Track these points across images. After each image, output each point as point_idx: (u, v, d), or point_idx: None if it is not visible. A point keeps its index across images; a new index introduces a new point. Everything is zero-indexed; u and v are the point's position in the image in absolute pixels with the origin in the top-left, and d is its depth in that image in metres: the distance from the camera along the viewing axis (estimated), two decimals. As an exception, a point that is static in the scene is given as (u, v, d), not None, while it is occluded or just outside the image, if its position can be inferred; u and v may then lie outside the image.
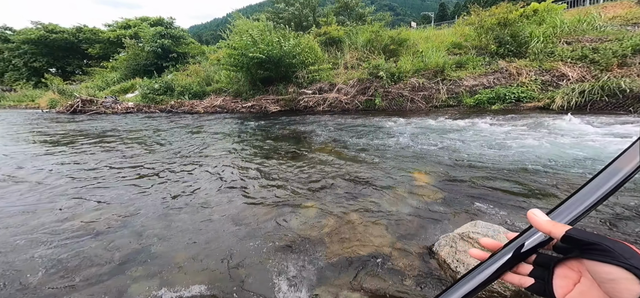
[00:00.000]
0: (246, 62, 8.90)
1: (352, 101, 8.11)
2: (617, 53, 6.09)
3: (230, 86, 10.76)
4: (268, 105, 9.10)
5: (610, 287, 0.27)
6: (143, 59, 17.14)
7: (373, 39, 9.76)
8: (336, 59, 10.11)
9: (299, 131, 5.43)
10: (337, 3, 17.61)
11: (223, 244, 1.83)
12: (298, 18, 16.28)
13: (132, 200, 2.49)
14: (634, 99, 4.81)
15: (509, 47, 7.63)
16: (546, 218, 0.34)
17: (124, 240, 1.91)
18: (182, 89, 11.68)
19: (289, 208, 2.28)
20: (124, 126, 7.05)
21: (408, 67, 8.03)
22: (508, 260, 0.35)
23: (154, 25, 19.03)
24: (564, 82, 6.11)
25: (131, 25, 23.27)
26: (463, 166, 2.93)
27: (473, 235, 1.46)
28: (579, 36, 7.61)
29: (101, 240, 1.89)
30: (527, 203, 2.10)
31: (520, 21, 7.74)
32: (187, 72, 14.50)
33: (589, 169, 2.63)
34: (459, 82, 7.30)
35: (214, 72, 12.56)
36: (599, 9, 10.49)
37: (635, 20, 8.15)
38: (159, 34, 16.71)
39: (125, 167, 3.46)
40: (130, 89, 15.27)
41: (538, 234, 0.34)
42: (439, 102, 7.12)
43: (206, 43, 28.76)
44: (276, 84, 9.52)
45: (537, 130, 4.12)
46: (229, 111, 9.67)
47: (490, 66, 7.47)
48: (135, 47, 17.67)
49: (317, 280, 1.46)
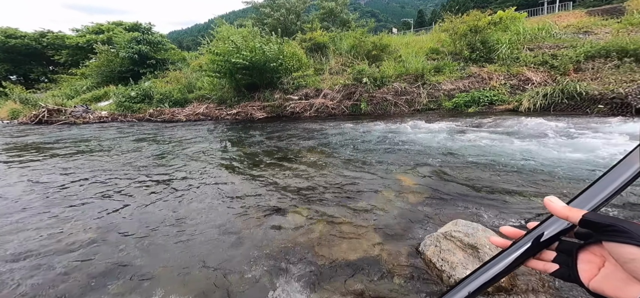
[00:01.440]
0: (229, 68, 8.76)
1: (338, 106, 8.25)
2: (572, 59, 6.79)
3: (214, 93, 10.51)
4: (254, 112, 8.98)
5: (633, 267, 0.28)
6: (117, 65, 16.27)
7: (357, 45, 10.06)
8: (321, 65, 10.26)
9: (286, 138, 5.43)
10: (321, 9, 17.95)
11: (209, 254, 1.79)
12: (283, 24, 16.34)
13: (109, 214, 2.35)
14: (589, 101, 5.40)
15: (479, 53, 8.23)
16: (562, 204, 0.34)
17: (101, 256, 1.80)
18: (162, 96, 11.21)
19: (277, 215, 2.28)
20: (97, 136, 6.61)
21: (391, 72, 8.36)
22: (529, 248, 0.36)
23: (130, 31, 18.15)
24: (529, 86, 6.69)
25: (104, 30, 22.03)
26: (443, 168, 3.10)
27: (455, 233, 1.56)
28: (540, 43, 8.40)
29: (77, 256, 1.77)
30: (501, 200, 2.27)
31: (488, 28, 8.40)
32: (167, 79, 13.95)
33: (551, 168, 2.90)
34: (438, 86, 7.71)
35: (196, 79, 12.21)
36: (555, 18, 11.65)
37: (585, 29, 9.16)
38: (135, 39, 15.98)
39: (101, 180, 3.25)
40: (104, 97, 14.40)
41: (559, 222, 0.35)
42: (421, 106, 7.47)
43: (187, 49, 27.85)
44: (262, 91, 9.45)
45: (507, 132, 4.47)
46: (213, 118, 9.42)
47: (465, 71, 7.99)
48: (109, 53, 16.74)
49: (308, 286, 1.48)
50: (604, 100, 5.23)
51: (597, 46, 6.81)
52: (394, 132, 5.16)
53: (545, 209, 0.35)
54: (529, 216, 1.97)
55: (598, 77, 6.08)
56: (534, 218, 1.92)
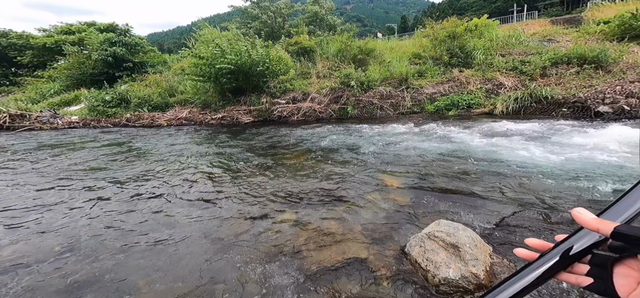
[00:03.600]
0: (214, 72, 8.55)
1: (325, 110, 8.32)
2: (539, 65, 7.39)
3: (198, 97, 10.19)
4: (240, 116, 8.81)
5: None
6: (90, 67, 15.29)
7: (343, 49, 10.23)
8: (308, 69, 10.32)
9: (273, 142, 5.38)
10: (307, 14, 18.09)
11: (193, 262, 1.73)
12: (269, 27, 16.26)
13: (81, 224, 2.19)
14: (554, 105, 5.89)
15: (458, 58, 8.71)
16: (592, 216, 0.33)
17: (73, 268, 1.67)
18: (140, 100, 10.68)
19: (264, 220, 2.25)
20: (66, 142, 6.14)
21: (376, 76, 8.58)
22: (559, 261, 0.35)
23: (104, 32, 17.15)
24: (502, 90, 7.18)
25: (74, 30, 20.64)
26: (426, 169, 3.23)
27: (438, 233, 1.63)
28: (510, 49, 9.06)
29: (48, 268, 1.63)
30: (478, 199, 2.41)
31: (465, 34, 8.92)
32: (146, 83, 13.33)
33: (522, 168, 3.12)
34: (420, 90, 8.04)
35: (178, 82, 11.78)
36: (523, 26, 12.62)
37: (549, 37, 10.02)
38: (109, 40, 15.13)
39: (71, 188, 3.02)
40: (74, 102, 13.46)
41: (590, 235, 0.34)
42: (405, 109, 7.73)
43: (168, 52, 26.76)
44: (248, 95, 9.30)
45: (483, 134, 4.76)
46: (197, 123, 9.11)
47: (445, 75, 8.41)
48: (80, 54, 15.70)
49: (297, 291, 1.48)
50: (567, 104, 5.73)
51: (560, 53, 7.46)
52: (380, 135, 5.30)
53: (518, 208, 0.37)
54: (506, 215, 2.11)
55: (561, 82, 6.66)
56: (511, 216, 2.06)
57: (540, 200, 2.25)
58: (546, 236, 1.79)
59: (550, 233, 1.82)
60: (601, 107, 5.21)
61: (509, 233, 1.85)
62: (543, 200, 2.25)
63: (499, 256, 1.58)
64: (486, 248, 1.57)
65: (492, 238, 1.80)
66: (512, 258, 1.57)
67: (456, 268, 1.41)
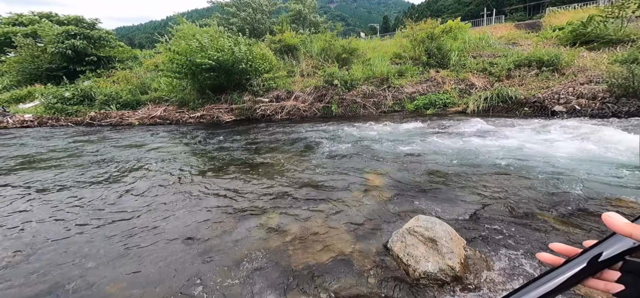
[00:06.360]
0: (193, 68, 8.12)
1: (309, 109, 8.30)
2: (504, 67, 8.03)
3: (174, 95, 9.61)
4: (221, 115, 8.47)
5: None
6: (46, 61, 13.73)
7: (327, 48, 10.25)
8: (292, 67, 10.20)
9: (256, 141, 5.26)
10: (291, 11, 17.82)
11: (172, 266, 1.65)
12: (250, 24, 15.78)
13: (41, 230, 1.98)
14: (517, 104, 6.47)
15: (435, 58, 9.16)
16: (625, 221, 0.32)
17: (32, 277, 1.51)
18: (107, 97, 9.83)
19: (248, 220, 2.21)
20: (19, 143, 5.46)
21: (359, 75, 8.73)
22: (587, 266, 0.34)
23: (66, 24, 15.49)
24: (473, 90, 7.70)
25: (25, 22, 18.39)
26: (406, 165, 3.38)
27: (417, 228, 1.72)
28: (480, 51, 9.72)
29: (4, 275, 1.45)
30: (453, 194, 2.57)
31: (442, 36, 9.40)
32: (113, 79, 12.28)
33: (491, 163, 3.39)
34: (401, 89, 8.33)
35: (151, 79, 11.00)
36: (491, 29, 13.59)
37: (513, 40, 10.91)
38: (67, 32, 13.68)
39: (28, 194, 2.70)
40: (27, 98, 12.02)
41: (622, 240, 0.33)
42: (387, 108, 7.97)
43: (140, 47, 24.83)
44: (229, 93, 8.97)
45: (456, 131, 5.08)
46: (173, 122, 8.60)
47: (423, 75, 8.80)
48: (33, 47, 14.01)
49: (283, 290, 1.48)
50: (528, 103, 6.31)
51: (522, 56, 8.16)
52: (363, 132, 5.42)
53: (489, 202, 0.38)
54: (477, 208, 2.28)
55: (523, 83, 7.30)
56: (481, 209, 2.23)
57: (506, 194, 2.47)
58: (511, 229, 1.97)
59: (515, 227, 2.01)
60: (557, 106, 5.81)
61: (480, 226, 2.01)
62: (508, 194, 2.47)
63: (472, 249, 1.71)
64: (460, 241, 1.69)
65: (465, 232, 1.94)
66: (484, 251, 1.71)
67: (434, 262, 1.50)
